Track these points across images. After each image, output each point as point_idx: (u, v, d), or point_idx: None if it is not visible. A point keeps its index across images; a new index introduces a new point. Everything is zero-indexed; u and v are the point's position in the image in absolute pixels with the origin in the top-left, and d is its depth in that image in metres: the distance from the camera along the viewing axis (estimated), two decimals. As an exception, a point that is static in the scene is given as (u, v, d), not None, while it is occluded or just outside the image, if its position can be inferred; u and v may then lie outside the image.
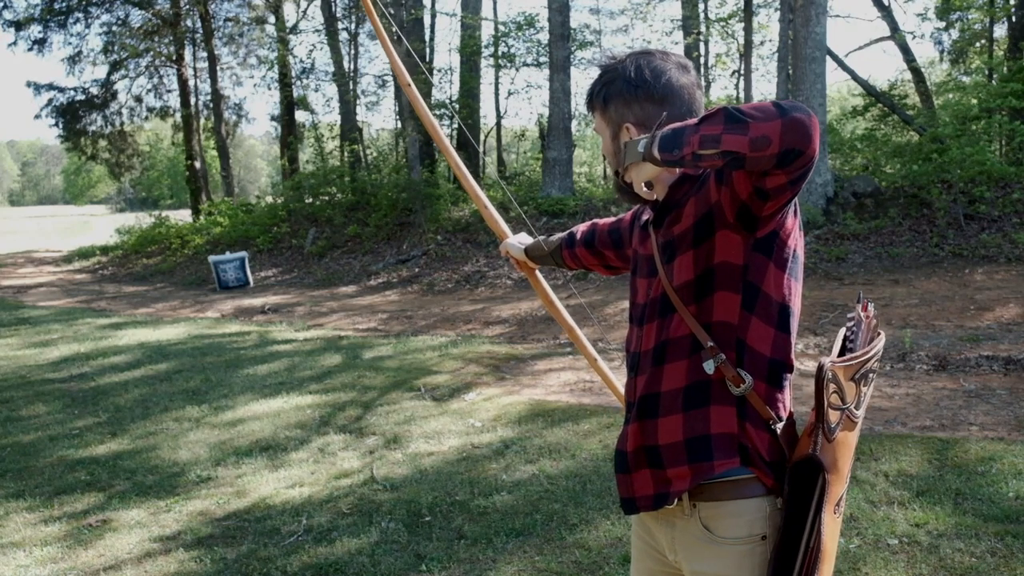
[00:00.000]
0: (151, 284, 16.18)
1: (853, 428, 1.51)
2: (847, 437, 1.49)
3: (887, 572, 3.11)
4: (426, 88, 18.31)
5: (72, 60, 23.38)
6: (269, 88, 26.09)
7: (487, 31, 20.10)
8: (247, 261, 14.79)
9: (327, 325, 9.87)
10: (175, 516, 4.01)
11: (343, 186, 18.26)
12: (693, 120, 1.37)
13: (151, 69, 24.46)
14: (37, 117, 41.17)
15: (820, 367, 1.43)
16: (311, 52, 34.27)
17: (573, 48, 16.91)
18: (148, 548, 3.66)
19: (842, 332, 1.61)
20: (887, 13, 18.08)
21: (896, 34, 17.63)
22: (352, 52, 21.20)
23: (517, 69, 20.19)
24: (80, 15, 23.03)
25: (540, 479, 4.24)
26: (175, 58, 23.36)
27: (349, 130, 19.88)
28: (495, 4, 37.31)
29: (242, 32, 24.52)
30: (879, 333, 1.59)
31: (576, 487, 4.09)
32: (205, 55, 23.29)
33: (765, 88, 21.99)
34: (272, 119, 26.80)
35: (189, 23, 23.25)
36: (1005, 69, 15.01)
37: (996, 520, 3.45)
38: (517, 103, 60.95)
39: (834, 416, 1.46)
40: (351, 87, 20.58)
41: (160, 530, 3.85)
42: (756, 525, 1.50)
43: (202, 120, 24.25)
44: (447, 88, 20.70)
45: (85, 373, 7.29)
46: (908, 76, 18.66)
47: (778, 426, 1.51)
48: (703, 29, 19.60)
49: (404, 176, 16.60)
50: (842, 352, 1.57)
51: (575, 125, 18.19)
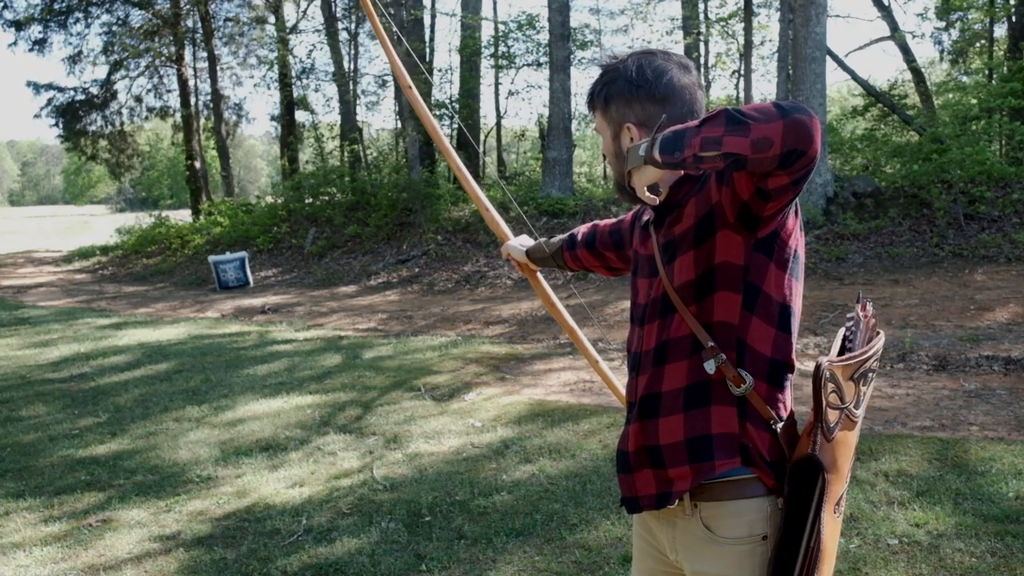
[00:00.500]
0: (151, 284, 16.18)
1: (853, 427, 1.51)
2: (847, 436, 1.49)
3: (887, 572, 3.11)
4: (426, 88, 18.30)
5: (72, 60, 23.39)
6: (269, 88, 26.15)
7: (487, 31, 20.12)
8: (247, 261, 14.79)
9: (327, 325, 9.87)
10: (175, 516, 4.01)
11: (343, 186, 18.26)
12: (694, 122, 1.36)
13: (151, 69, 24.46)
14: (37, 117, 41.23)
15: (818, 366, 1.43)
16: (311, 52, 34.27)
17: (573, 48, 16.92)
18: (148, 548, 3.66)
19: (841, 332, 1.62)
20: (887, 13, 18.09)
21: (896, 34, 17.63)
22: (352, 52, 21.20)
23: (517, 69, 20.20)
24: (80, 15, 23.03)
25: (540, 479, 4.24)
26: (175, 58, 23.36)
27: (349, 130, 19.87)
28: (495, 4, 37.39)
29: (242, 32, 24.54)
30: (878, 333, 1.59)
31: (576, 487, 4.09)
32: (205, 55, 23.30)
33: (765, 88, 21.98)
34: (272, 119, 26.82)
35: (189, 23, 23.26)
36: (1005, 69, 15.01)
37: (996, 520, 3.45)
38: (517, 103, 60.90)
39: (833, 415, 1.46)
40: (351, 87, 20.57)
41: (160, 530, 3.84)
42: (757, 525, 1.50)
43: (202, 120, 24.25)
44: (447, 88, 20.73)
45: (85, 373, 7.29)
46: (908, 76, 18.66)
47: (779, 426, 1.51)
48: (703, 29, 19.60)
49: (404, 176, 16.60)
50: (841, 352, 1.57)
51: (575, 125, 18.20)
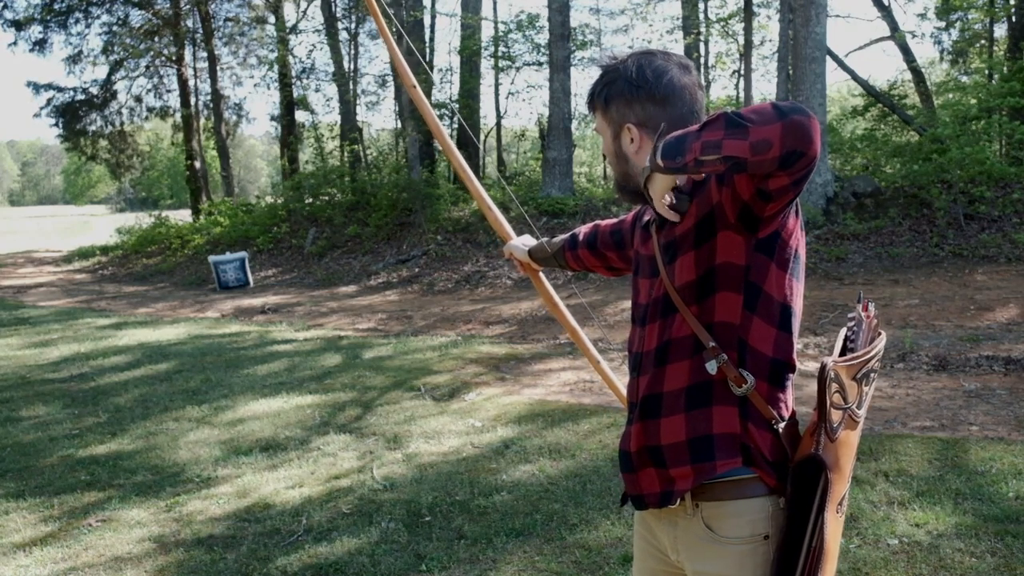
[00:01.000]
0: (151, 284, 16.18)
1: (855, 428, 1.51)
2: (849, 436, 1.50)
3: (887, 572, 3.11)
4: (426, 88, 18.30)
5: (72, 60, 23.39)
6: (269, 88, 26.14)
7: (487, 31, 20.12)
8: (247, 261, 14.79)
9: (327, 325, 9.87)
10: (175, 516, 4.01)
11: (343, 186, 18.26)
12: (694, 127, 1.37)
13: (151, 69, 24.46)
14: (36, 116, 41.20)
15: (823, 366, 1.43)
16: (311, 52, 34.24)
17: (573, 48, 16.90)
18: (148, 548, 3.65)
19: (843, 332, 1.62)
20: (887, 13, 18.08)
21: (896, 34, 17.62)
22: (352, 52, 21.19)
23: (517, 69, 20.19)
24: (80, 15, 23.03)
25: (540, 479, 4.24)
26: (175, 58, 23.35)
27: (349, 130, 19.87)
28: (495, 4, 37.36)
29: (242, 32, 24.53)
30: (880, 333, 1.60)
31: (576, 487, 4.09)
32: (205, 55, 23.29)
33: (765, 88, 21.97)
34: (272, 119, 26.81)
35: (189, 23, 23.25)
36: (1005, 69, 15.01)
37: (996, 520, 3.45)
38: (517, 103, 60.83)
39: (836, 416, 1.47)
40: (351, 87, 20.57)
41: (160, 530, 3.84)
42: (759, 525, 1.51)
43: (202, 120, 24.24)
44: (447, 88, 20.72)
45: (85, 373, 7.28)
46: (908, 76, 18.65)
47: (780, 426, 1.51)
48: (703, 29, 19.59)
49: (404, 176, 16.60)
50: (843, 352, 1.57)
51: (575, 125, 18.18)
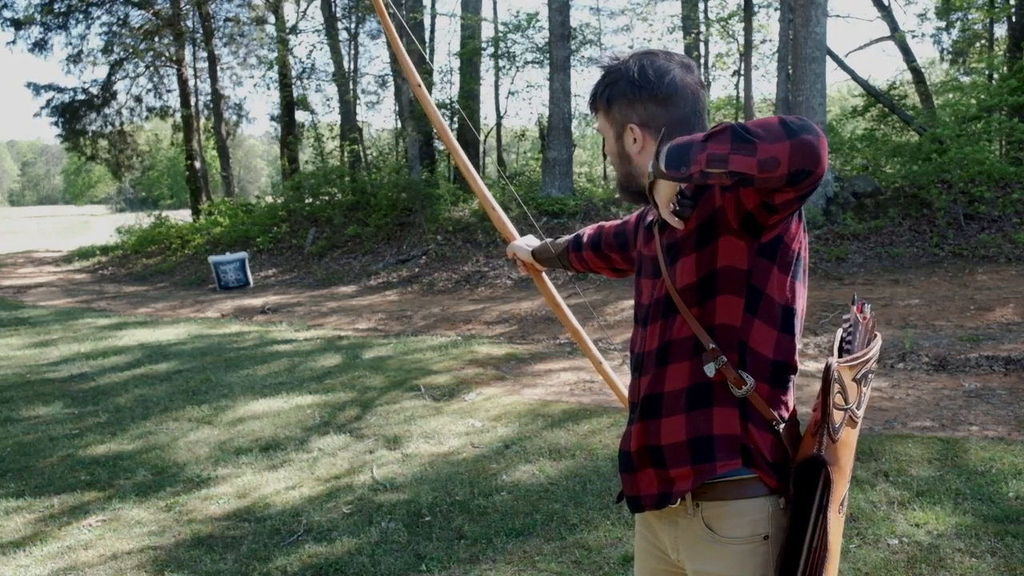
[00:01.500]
0: (151, 284, 16.18)
1: (855, 427, 1.52)
2: (849, 436, 1.50)
3: (887, 572, 3.11)
4: (426, 88, 18.27)
5: (72, 60, 23.37)
6: (269, 88, 26.12)
7: (487, 31, 20.11)
8: (247, 262, 14.78)
9: (327, 325, 9.87)
10: (175, 516, 4.01)
11: (343, 186, 18.26)
12: (699, 135, 1.35)
13: (151, 69, 24.45)
14: (36, 116, 41.19)
15: (828, 367, 1.44)
16: (311, 52, 34.31)
17: (574, 47, 16.90)
18: (148, 548, 3.65)
19: (839, 333, 1.62)
20: (887, 13, 18.08)
21: (896, 34, 17.62)
22: (352, 52, 21.19)
23: (517, 68, 20.19)
24: (80, 15, 23.02)
25: (540, 479, 4.24)
26: (175, 58, 23.34)
27: (349, 130, 19.87)
28: (495, 4, 37.31)
29: (242, 32, 24.51)
30: (876, 335, 1.60)
31: (576, 487, 4.09)
32: (205, 55, 23.28)
33: (765, 88, 21.99)
34: (272, 119, 26.78)
35: (189, 23, 23.24)
36: (1005, 69, 15.00)
37: (996, 520, 3.45)
38: (517, 103, 60.83)
39: (838, 416, 1.47)
40: (351, 87, 20.56)
41: (160, 530, 3.84)
42: (759, 525, 1.51)
43: (202, 120, 24.23)
44: (447, 89, 20.72)
45: (85, 373, 7.28)
46: (908, 76, 18.65)
47: (781, 427, 1.52)
48: (703, 29, 19.59)
49: (404, 176, 16.60)
50: (840, 353, 1.57)
51: (575, 125, 18.18)
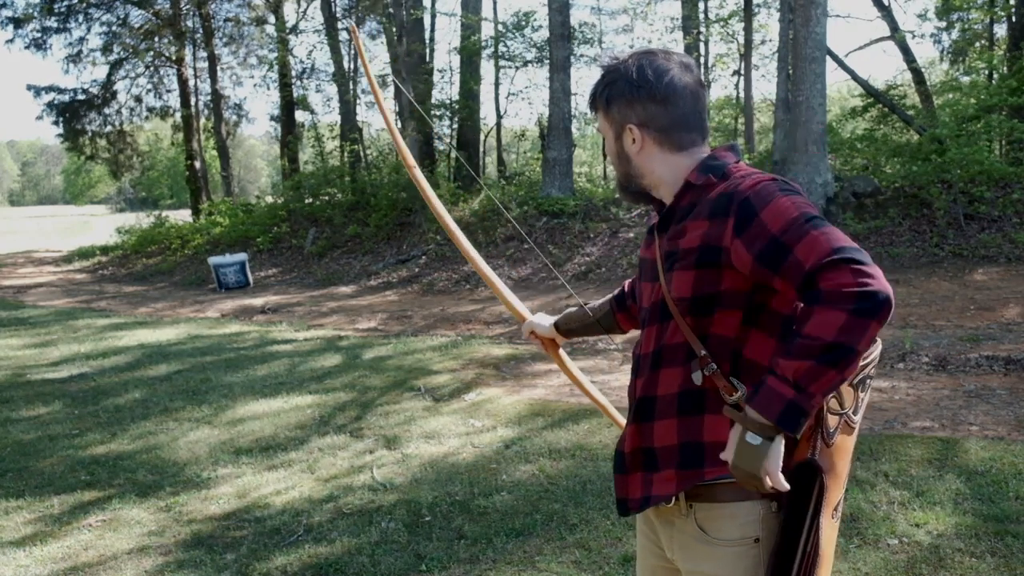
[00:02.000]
0: (151, 284, 16.18)
1: (851, 433, 1.52)
2: (845, 441, 1.50)
3: (887, 572, 3.11)
4: (426, 88, 18.29)
5: (72, 59, 23.36)
6: (269, 88, 26.07)
7: (487, 31, 20.10)
8: (247, 264, 14.73)
9: (327, 325, 9.87)
10: (175, 516, 4.01)
11: (343, 186, 18.25)
12: (787, 379, 1.34)
13: (151, 69, 24.44)
14: (39, 119, 41.20)
15: None
16: (311, 52, 34.28)
17: (574, 46, 16.87)
18: (148, 548, 3.65)
19: None
20: (887, 13, 18.06)
21: (896, 34, 17.61)
22: (352, 52, 21.17)
23: (517, 68, 20.17)
24: (80, 16, 23.00)
25: (540, 479, 4.24)
26: (175, 58, 23.34)
27: (349, 130, 19.86)
28: (495, 4, 37.26)
29: (242, 32, 24.51)
30: (876, 340, 1.56)
31: (576, 487, 4.09)
32: (205, 55, 23.28)
33: (765, 88, 21.99)
34: (272, 119, 26.76)
35: (189, 23, 23.24)
36: (1004, 69, 14.99)
37: (996, 520, 3.45)
38: (517, 103, 60.71)
39: (832, 421, 1.47)
40: (351, 87, 20.56)
41: (160, 530, 3.84)
42: (750, 527, 1.51)
43: (202, 120, 24.23)
44: (447, 89, 20.71)
45: (85, 373, 7.28)
46: (908, 76, 18.63)
47: None
48: (703, 29, 19.59)
49: (404, 176, 16.59)
50: None
51: (575, 125, 18.17)
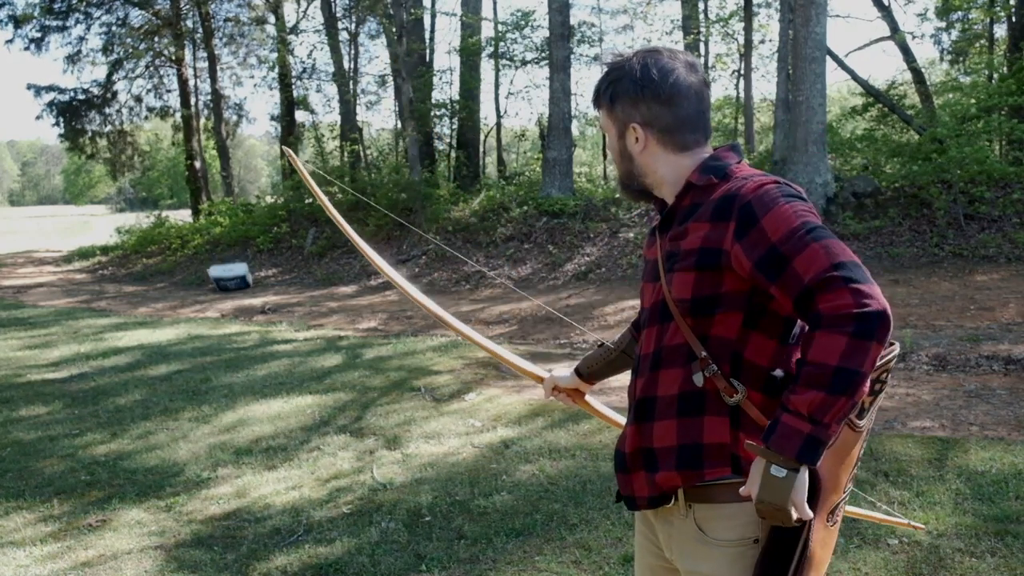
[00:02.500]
0: (151, 284, 16.18)
1: (855, 436, 1.49)
2: (846, 444, 1.48)
3: (887, 572, 3.11)
4: (426, 88, 18.29)
5: (72, 59, 23.36)
6: (269, 88, 26.09)
7: (487, 31, 20.10)
8: (248, 273, 14.55)
9: (327, 325, 9.87)
10: (175, 516, 4.01)
11: (343, 186, 18.22)
12: (801, 412, 1.35)
13: (151, 69, 24.44)
14: (39, 118, 41.20)
15: None
16: (311, 52, 34.29)
17: (574, 46, 16.87)
18: (148, 548, 3.65)
19: None
20: (887, 13, 18.06)
21: (896, 34, 17.61)
22: (352, 52, 21.19)
23: (517, 68, 20.17)
24: (80, 15, 23.00)
25: (540, 479, 4.24)
26: (175, 58, 23.33)
27: (349, 130, 19.86)
28: (495, 4, 37.25)
29: (242, 32, 24.51)
30: (892, 343, 1.49)
31: (576, 487, 4.09)
32: (205, 55, 23.27)
33: (765, 88, 21.97)
34: (272, 119, 26.82)
35: (189, 23, 23.23)
36: (1004, 69, 14.98)
37: (996, 520, 3.45)
38: (517, 103, 60.71)
39: None
40: (351, 87, 20.56)
41: (160, 530, 3.84)
42: (748, 528, 1.50)
43: (202, 120, 24.22)
44: (447, 89, 20.71)
45: (85, 373, 7.28)
46: (908, 76, 18.63)
47: None
48: (703, 29, 19.58)
49: (404, 176, 16.60)
50: None
51: (575, 125, 18.17)
